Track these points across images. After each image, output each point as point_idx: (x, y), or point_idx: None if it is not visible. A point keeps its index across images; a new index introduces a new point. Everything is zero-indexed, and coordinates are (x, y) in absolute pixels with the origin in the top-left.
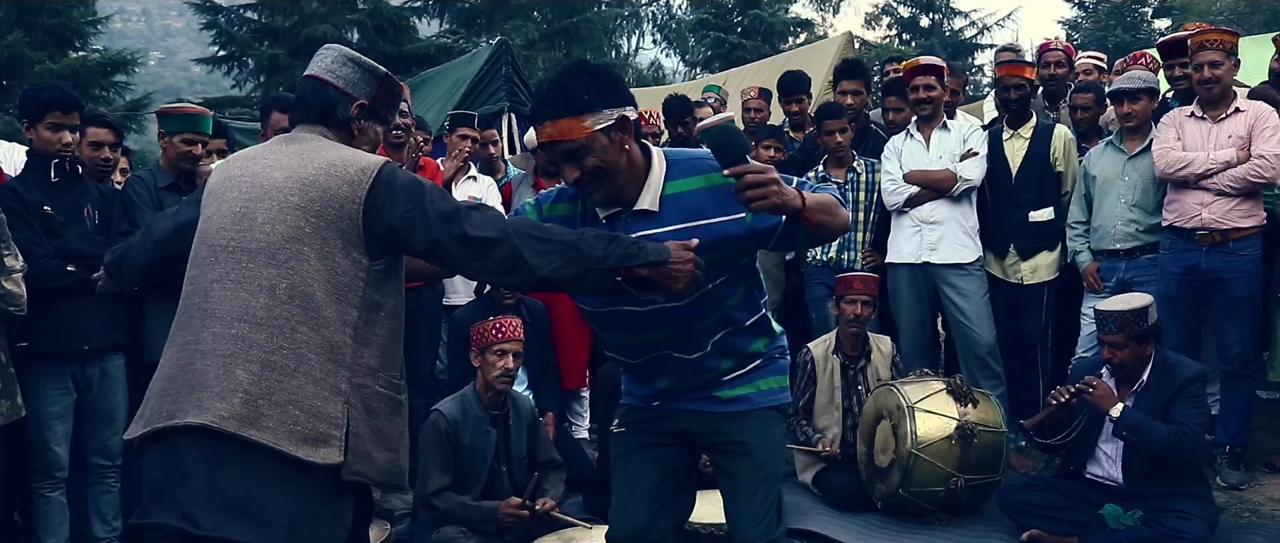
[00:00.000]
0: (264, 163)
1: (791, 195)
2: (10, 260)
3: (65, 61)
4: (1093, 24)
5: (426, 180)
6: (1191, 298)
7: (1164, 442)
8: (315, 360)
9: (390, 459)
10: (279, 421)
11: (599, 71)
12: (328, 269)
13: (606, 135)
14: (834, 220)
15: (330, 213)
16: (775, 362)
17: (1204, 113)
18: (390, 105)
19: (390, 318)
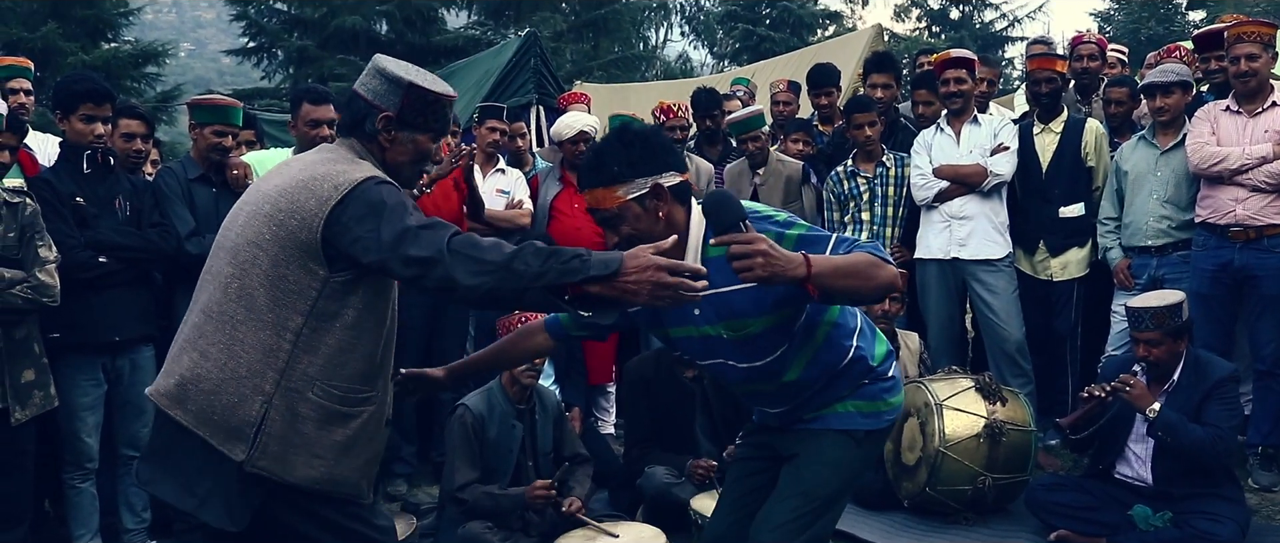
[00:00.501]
0: (279, 170)
1: (785, 266)
2: (44, 251)
3: (97, 52)
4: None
5: (394, 200)
6: (1224, 296)
7: (1199, 444)
8: (246, 359)
9: (309, 463)
10: (201, 406)
11: (637, 139)
12: (277, 275)
13: (640, 204)
14: (862, 285)
15: (291, 224)
16: (864, 387)
17: (1240, 107)
18: (424, 114)
19: (348, 330)
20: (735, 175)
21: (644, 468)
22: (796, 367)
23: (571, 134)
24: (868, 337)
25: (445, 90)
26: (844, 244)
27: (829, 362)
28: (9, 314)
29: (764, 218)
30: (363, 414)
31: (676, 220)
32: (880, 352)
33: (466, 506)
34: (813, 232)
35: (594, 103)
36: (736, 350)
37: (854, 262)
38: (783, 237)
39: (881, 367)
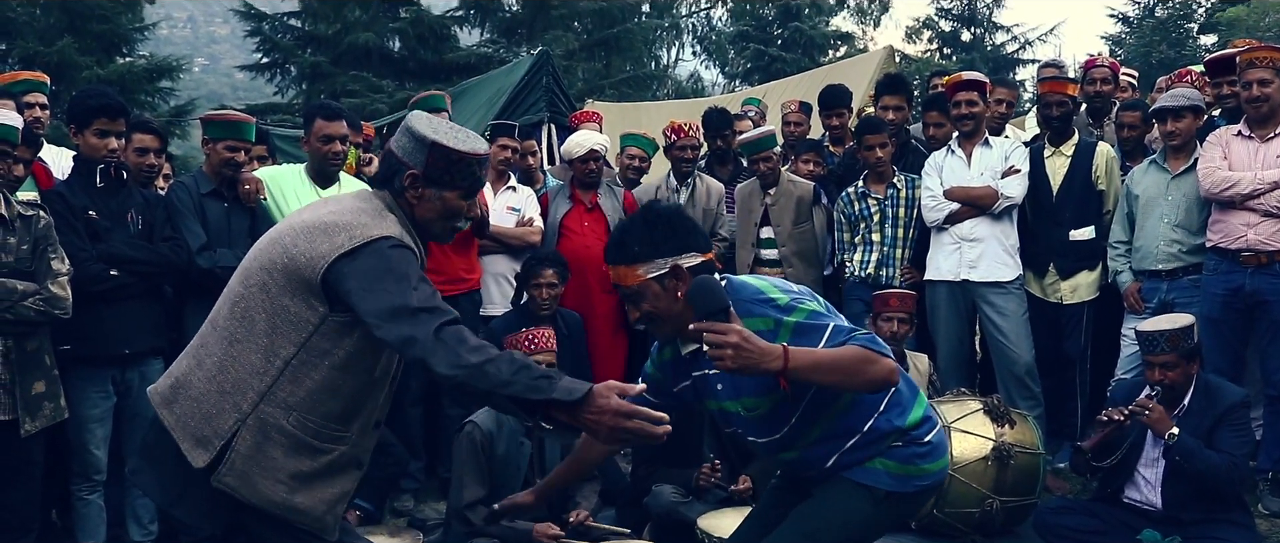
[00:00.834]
0: (314, 206)
1: (759, 359)
2: (57, 264)
3: (112, 67)
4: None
5: (402, 269)
6: (1235, 320)
7: (1215, 470)
8: (232, 375)
9: (271, 488)
10: (183, 411)
11: (659, 219)
12: (279, 304)
13: (659, 283)
14: (846, 381)
15: (301, 260)
16: (895, 449)
17: (1252, 132)
18: (449, 172)
19: (336, 369)
20: (746, 195)
21: (651, 486)
22: (812, 435)
23: (582, 152)
24: (901, 401)
25: (472, 148)
26: (840, 334)
27: (849, 427)
28: (21, 326)
29: (765, 301)
30: (332, 452)
31: None
32: (915, 417)
33: (473, 526)
34: (812, 319)
35: (605, 121)
36: (753, 426)
37: (840, 358)
38: (780, 323)
39: (917, 432)
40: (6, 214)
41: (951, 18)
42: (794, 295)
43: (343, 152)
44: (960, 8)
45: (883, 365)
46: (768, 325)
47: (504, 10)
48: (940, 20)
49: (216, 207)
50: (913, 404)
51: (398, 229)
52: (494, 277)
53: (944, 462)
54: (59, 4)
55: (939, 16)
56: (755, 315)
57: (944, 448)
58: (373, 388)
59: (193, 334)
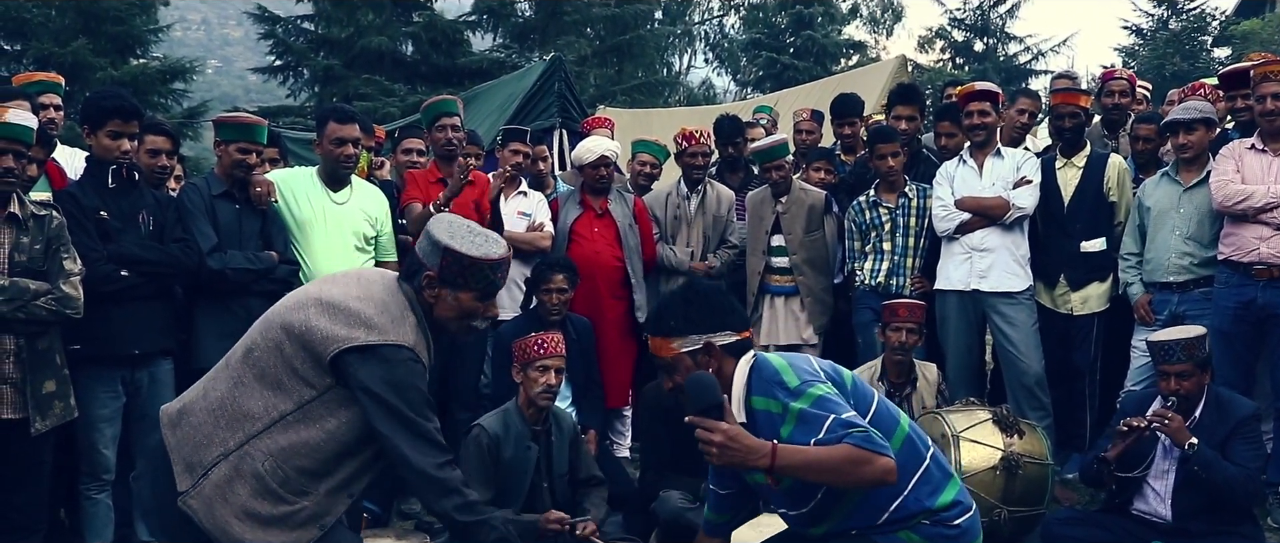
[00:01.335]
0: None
1: (744, 456)
2: (69, 264)
3: (126, 68)
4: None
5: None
6: (1246, 334)
7: (1232, 482)
8: (230, 413)
9: (233, 529)
10: (182, 437)
11: (697, 297)
12: (287, 365)
13: (691, 358)
14: (837, 481)
15: (317, 336)
16: (923, 526)
17: (1265, 145)
18: (463, 275)
19: (331, 439)
20: (757, 203)
21: (659, 492)
22: (840, 511)
23: (592, 158)
24: (931, 481)
25: (485, 254)
26: (839, 428)
27: (877, 505)
28: (33, 325)
29: (778, 383)
30: (294, 505)
31: (725, 374)
32: (946, 499)
33: None
34: (816, 408)
35: (617, 128)
36: (782, 498)
37: (828, 458)
38: (786, 409)
39: (946, 513)
40: (20, 214)
41: (965, 28)
42: (807, 378)
43: (355, 155)
44: (973, 18)
45: (876, 466)
46: (777, 409)
47: (517, 15)
48: (953, 30)
49: (228, 208)
50: (944, 486)
51: (413, 335)
52: None
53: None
54: (74, 5)
55: (952, 26)
56: (767, 396)
57: (975, 534)
58: (352, 460)
59: (203, 336)
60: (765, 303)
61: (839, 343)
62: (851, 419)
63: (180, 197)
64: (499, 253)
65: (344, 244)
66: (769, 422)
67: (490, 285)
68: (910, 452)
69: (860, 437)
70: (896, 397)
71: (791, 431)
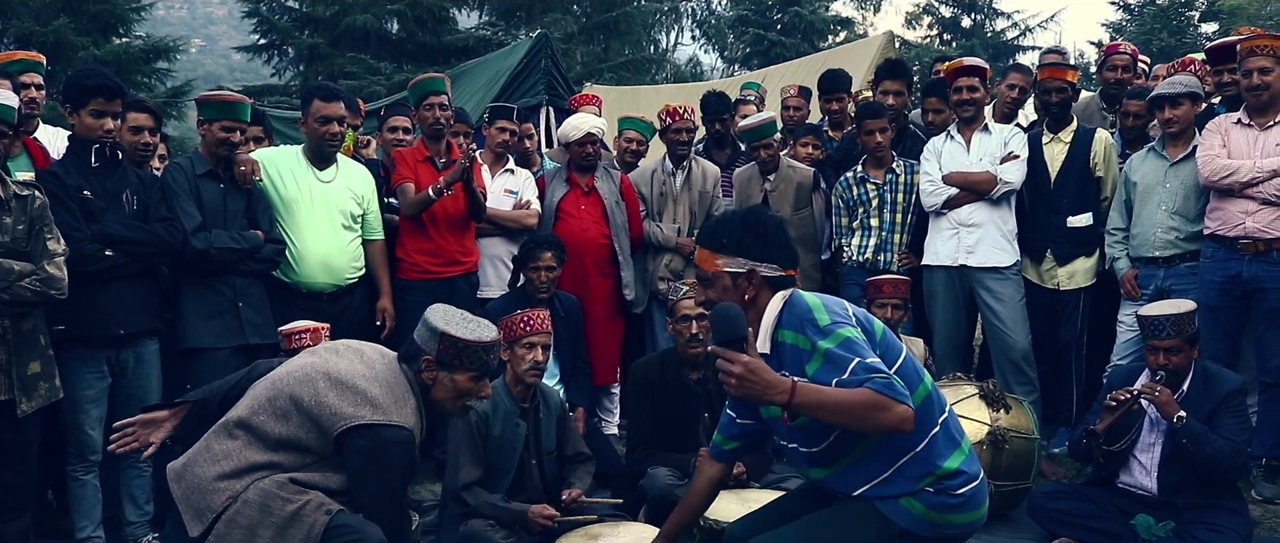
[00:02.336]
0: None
1: (762, 390)
2: (52, 244)
3: (109, 47)
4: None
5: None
6: (1232, 308)
7: (1219, 455)
8: (233, 465)
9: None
10: (187, 487)
11: (757, 224)
12: (292, 432)
13: (732, 278)
14: (853, 424)
15: (326, 411)
16: (926, 493)
17: (1251, 120)
18: (459, 357)
19: (324, 477)
20: (745, 180)
21: (647, 469)
22: (848, 457)
23: (578, 136)
24: (944, 441)
25: (478, 337)
26: (862, 372)
27: (886, 457)
28: (17, 306)
29: (809, 320)
30: (299, 501)
31: (759, 304)
32: (953, 464)
33: (469, 507)
34: (842, 349)
35: (604, 105)
36: (795, 435)
37: (847, 401)
38: (814, 346)
39: (951, 480)
40: (3, 194)
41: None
42: (838, 319)
43: (340, 133)
44: None
45: (894, 413)
46: (805, 345)
47: None
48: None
49: (212, 188)
50: (953, 452)
51: (413, 418)
52: (491, 259)
53: (976, 516)
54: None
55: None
56: (797, 331)
57: (979, 502)
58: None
59: (188, 317)
60: None
61: None
62: (876, 365)
63: (164, 176)
64: (491, 336)
65: (330, 223)
66: (795, 357)
67: (485, 366)
68: (927, 411)
69: (882, 382)
70: None
71: (817, 369)
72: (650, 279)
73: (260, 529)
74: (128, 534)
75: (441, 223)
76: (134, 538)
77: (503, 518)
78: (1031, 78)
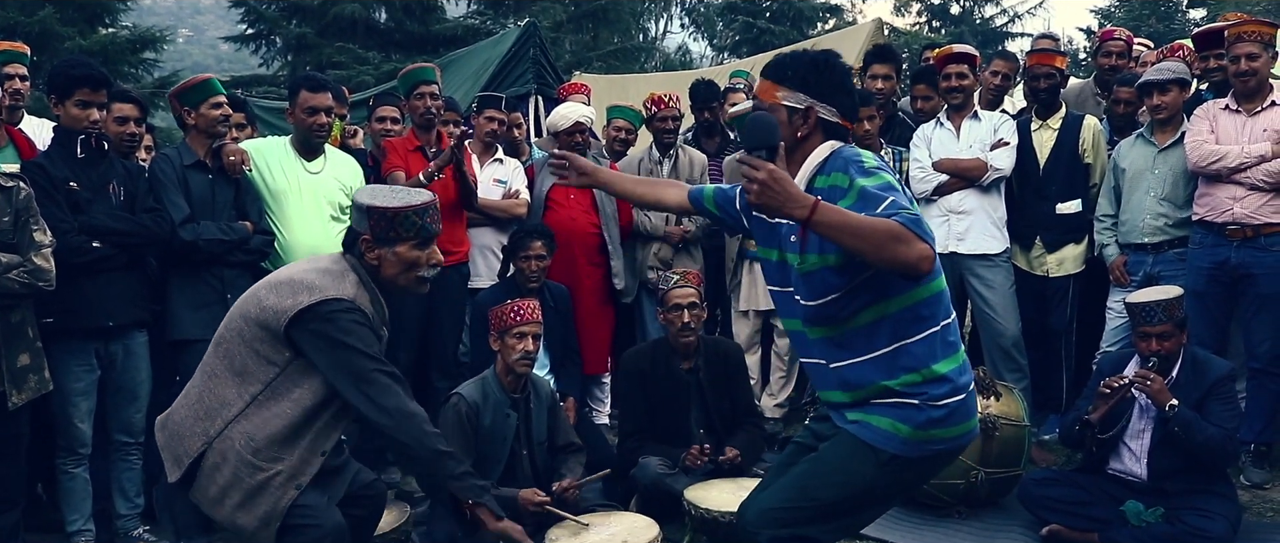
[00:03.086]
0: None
1: (783, 201)
2: (39, 236)
3: (95, 38)
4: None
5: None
6: (1220, 294)
7: (1211, 442)
8: (207, 404)
9: (226, 511)
10: (169, 435)
11: (825, 65)
12: (250, 349)
13: (788, 112)
14: (869, 251)
15: (269, 312)
16: (908, 410)
17: (1239, 105)
18: (394, 228)
19: (296, 406)
20: (734, 168)
21: (638, 459)
22: (846, 324)
23: (567, 125)
24: (941, 343)
25: (406, 202)
26: (891, 210)
27: (882, 334)
28: (5, 298)
29: (856, 161)
30: (269, 471)
31: (807, 147)
32: (943, 368)
33: None
34: (880, 191)
35: (593, 94)
36: (800, 283)
37: (869, 225)
38: (852, 183)
39: (936, 388)
40: None
41: None
42: (882, 168)
43: (328, 123)
44: None
45: (915, 248)
46: (843, 183)
47: None
48: None
49: (200, 178)
50: (948, 357)
51: (354, 291)
52: (480, 249)
53: (965, 427)
54: None
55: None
56: (839, 171)
57: (966, 413)
58: (317, 421)
59: (177, 308)
60: (745, 268)
61: None
62: (910, 207)
63: (152, 167)
64: (421, 200)
65: (319, 214)
66: (830, 197)
67: (423, 230)
68: (933, 308)
69: (910, 218)
70: None
71: (850, 205)
72: (640, 269)
73: (232, 492)
74: (118, 527)
75: None
76: (125, 531)
77: None
78: (1016, 64)
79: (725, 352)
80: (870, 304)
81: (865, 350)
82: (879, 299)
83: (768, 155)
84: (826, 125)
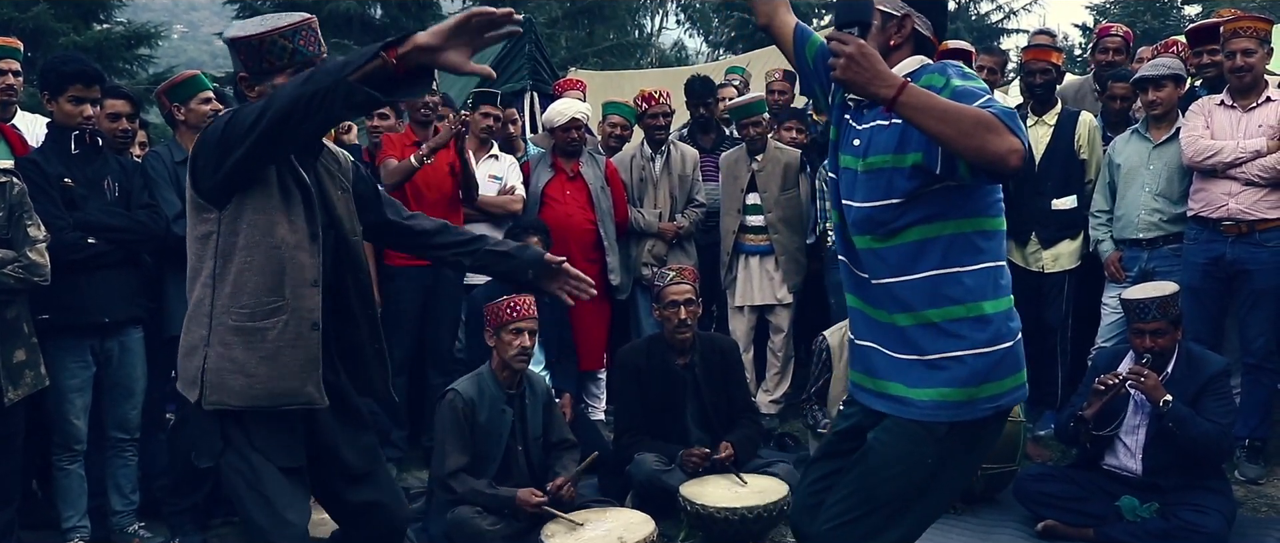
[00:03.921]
0: None
1: (869, 77)
2: (34, 231)
3: (89, 34)
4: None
5: (248, 109)
6: (1215, 289)
7: (1206, 438)
8: (191, 313)
9: (245, 384)
10: (180, 364)
11: None
12: (194, 233)
13: (883, 18)
14: (962, 140)
15: (185, 183)
16: (950, 365)
17: (1234, 101)
18: (263, 57)
19: (246, 251)
20: (732, 163)
21: (634, 455)
22: (900, 236)
23: (563, 121)
24: (991, 281)
25: (274, 25)
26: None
27: (935, 256)
28: (1, 294)
29: (954, 66)
30: (277, 323)
31: (896, 58)
32: (990, 308)
33: (456, 494)
34: (976, 89)
35: (588, 90)
36: (861, 184)
37: (960, 110)
38: (948, 82)
39: (978, 331)
40: None
41: None
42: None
43: None
44: None
45: (1006, 140)
46: (938, 82)
47: None
48: None
49: None
50: (997, 298)
51: None
52: None
53: (1015, 380)
54: None
55: None
56: (937, 73)
57: (1015, 364)
58: (285, 249)
59: (174, 304)
60: (740, 263)
61: (812, 302)
62: (1003, 105)
63: (145, 163)
64: (289, 21)
65: None
66: None
67: (297, 55)
68: (995, 240)
69: (1008, 114)
70: None
71: None
72: (634, 265)
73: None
74: (114, 524)
75: (427, 207)
76: (120, 528)
77: (490, 504)
78: (1002, 59)
79: (721, 348)
80: (924, 221)
81: (909, 270)
82: (936, 218)
83: (859, 32)
84: (918, 39)
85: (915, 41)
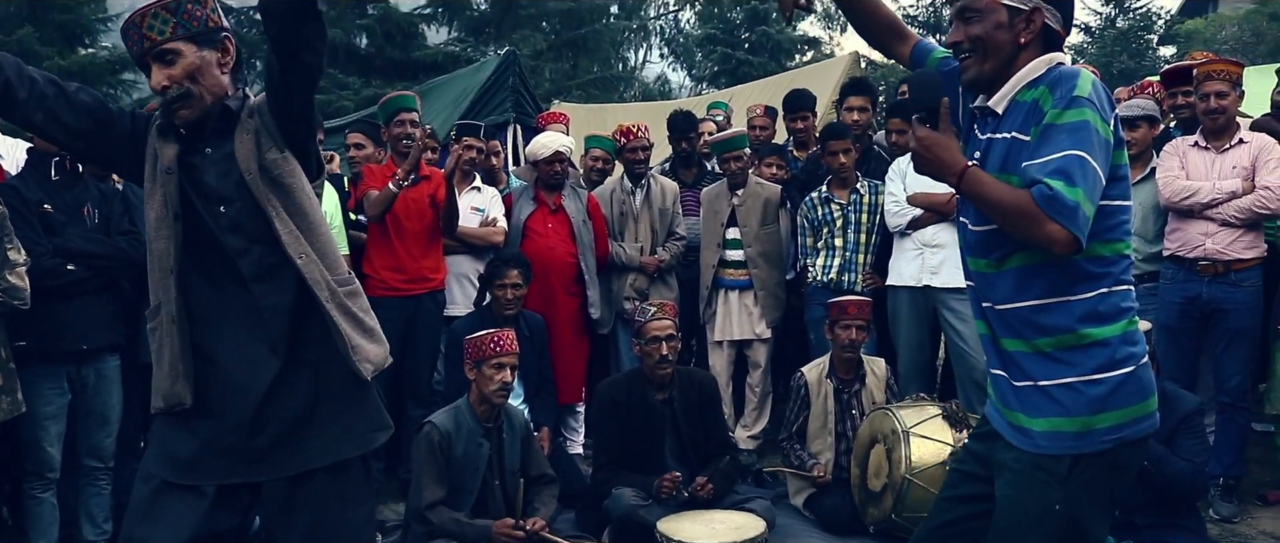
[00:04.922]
0: None
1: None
2: (13, 254)
3: (74, 58)
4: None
5: None
6: (1191, 328)
7: (1180, 477)
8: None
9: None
10: None
11: None
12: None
13: (1010, 14)
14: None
15: None
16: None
17: (1208, 143)
18: None
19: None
20: (713, 197)
21: (611, 489)
22: (1009, 261)
23: (547, 154)
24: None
25: None
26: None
27: (1042, 282)
28: None
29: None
30: (157, 321)
31: (1023, 58)
32: (1099, 333)
33: (432, 526)
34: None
35: (572, 123)
36: (969, 209)
37: (1004, 201)
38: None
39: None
40: None
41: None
42: (1097, 106)
43: None
44: (926, 15)
45: (1044, 229)
46: (1046, 104)
47: (472, 9)
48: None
49: None
50: (1112, 322)
51: None
52: (457, 277)
53: (1140, 409)
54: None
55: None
56: (1047, 89)
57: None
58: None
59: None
60: (719, 298)
61: (791, 338)
62: (1072, 171)
63: (126, 189)
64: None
65: None
66: (1029, 116)
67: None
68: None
69: (1045, 193)
70: (845, 393)
71: (1033, 139)
72: (615, 299)
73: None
74: None
75: (408, 238)
76: None
77: (467, 537)
78: None
79: (700, 383)
80: (1026, 248)
81: (1015, 298)
82: (1031, 247)
83: (927, 117)
84: (1048, 36)
85: (1044, 37)
